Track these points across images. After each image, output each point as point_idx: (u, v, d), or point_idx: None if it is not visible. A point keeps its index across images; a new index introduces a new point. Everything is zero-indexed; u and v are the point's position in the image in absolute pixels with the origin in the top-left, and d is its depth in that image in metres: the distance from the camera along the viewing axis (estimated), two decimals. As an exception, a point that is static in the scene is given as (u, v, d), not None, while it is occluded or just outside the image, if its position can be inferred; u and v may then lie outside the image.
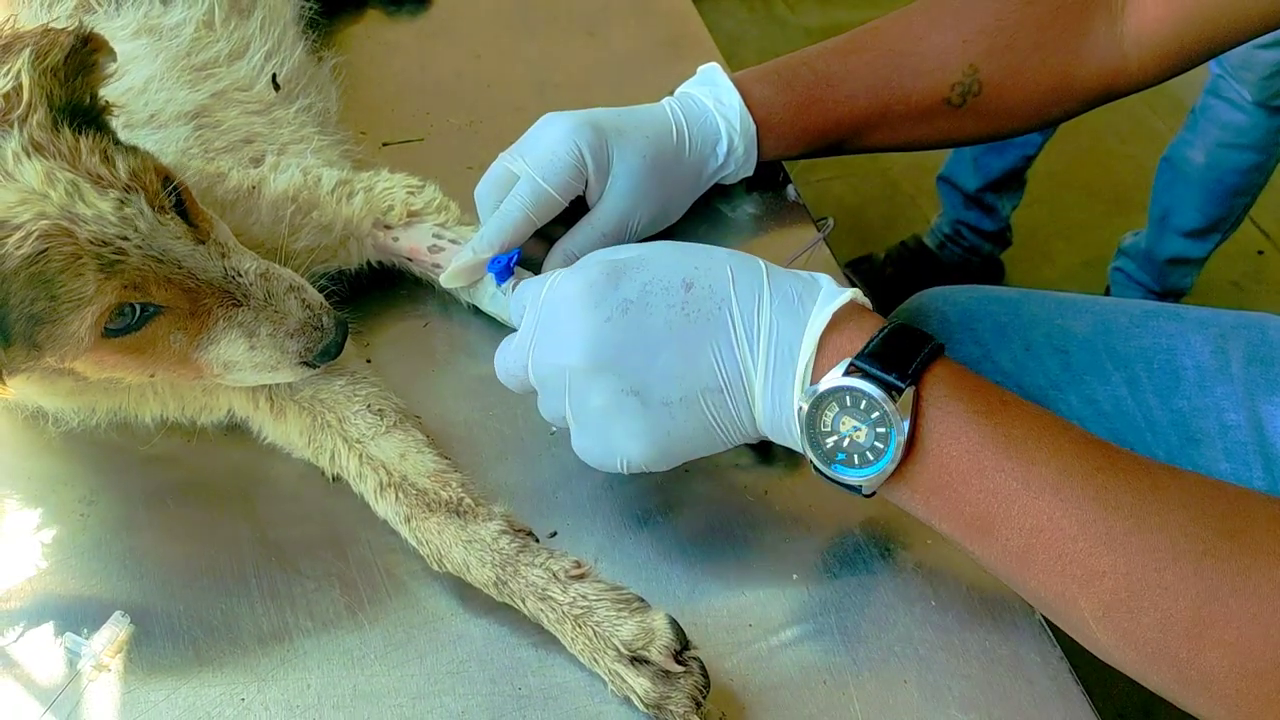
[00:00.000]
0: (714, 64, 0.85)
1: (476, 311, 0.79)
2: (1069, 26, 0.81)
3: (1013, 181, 2.08)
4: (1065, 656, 0.63)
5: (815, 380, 0.58)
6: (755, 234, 0.87)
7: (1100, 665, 0.57)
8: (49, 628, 0.64)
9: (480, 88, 0.99)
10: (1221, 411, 0.90)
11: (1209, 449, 0.90)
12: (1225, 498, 0.54)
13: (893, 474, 0.57)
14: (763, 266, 0.61)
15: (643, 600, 0.62)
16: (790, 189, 0.89)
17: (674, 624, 0.61)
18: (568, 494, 0.71)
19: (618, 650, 0.60)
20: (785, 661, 0.63)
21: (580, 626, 0.61)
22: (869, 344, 0.57)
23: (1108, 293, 2.14)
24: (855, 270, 2.21)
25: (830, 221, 0.85)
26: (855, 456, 0.58)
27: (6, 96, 0.57)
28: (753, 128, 0.82)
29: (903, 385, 0.55)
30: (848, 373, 0.56)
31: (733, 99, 0.81)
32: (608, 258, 0.63)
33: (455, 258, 0.75)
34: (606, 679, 0.61)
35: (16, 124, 0.56)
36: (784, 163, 0.90)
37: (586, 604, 0.61)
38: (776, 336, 0.59)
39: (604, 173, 0.77)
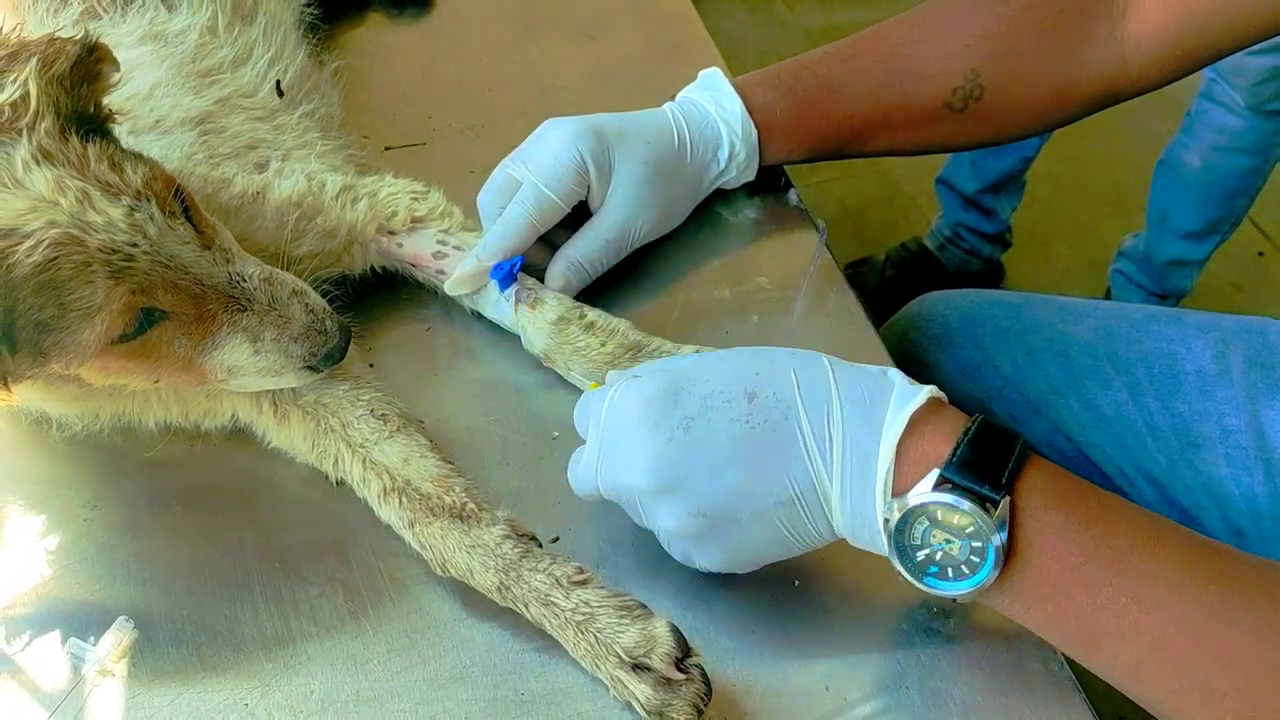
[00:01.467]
0: (715, 69, 0.85)
1: (479, 317, 0.79)
2: (1070, 31, 0.81)
3: (1011, 183, 2.08)
4: (1066, 664, 0.64)
5: (899, 490, 0.55)
6: (756, 239, 0.87)
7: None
8: (53, 633, 0.64)
9: (482, 92, 0.99)
10: (1222, 416, 0.90)
11: (1210, 454, 0.90)
12: None
13: (992, 585, 0.55)
14: (827, 366, 0.58)
15: (645, 607, 0.62)
16: (792, 193, 0.90)
17: (675, 631, 0.61)
18: (570, 499, 0.70)
19: (619, 657, 0.60)
20: (787, 667, 0.63)
21: (582, 633, 0.61)
22: (956, 450, 0.54)
23: (1108, 294, 2.14)
24: (855, 272, 2.21)
25: (822, 224, 0.86)
26: (949, 570, 0.55)
27: (14, 105, 0.57)
28: (754, 133, 0.82)
29: (997, 497, 0.53)
30: (937, 485, 0.54)
31: (734, 104, 0.81)
32: (666, 368, 0.61)
33: (459, 265, 0.75)
34: (609, 685, 0.61)
35: (25, 132, 0.56)
36: (784, 166, 0.90)
37: (589, 610, 0.61)
38: (851, 445, 0.56)
39: (606, 178, 0.77)
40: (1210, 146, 1.83)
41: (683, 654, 0.60)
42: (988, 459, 0.54)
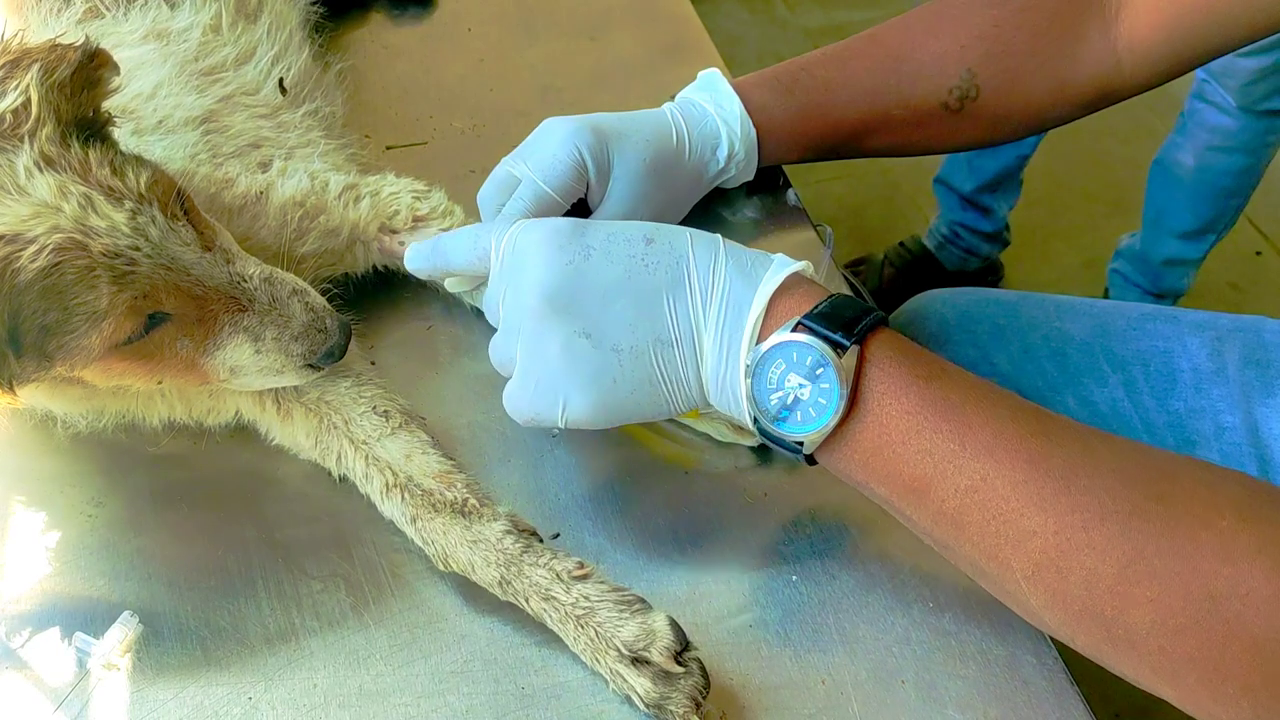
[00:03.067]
0: (714, 69, 0.86)
1: (480, 314, 0.80)
2: (1064, 33, 0.82)
3: (1008, 182, 2.09)
4: (1060, 658, 0.64)
5: (763, 339, 0.60)
6: (755, 237, 0.87)
7: (1097, 666, 0.58)
8: (58, 628, 0.65)
9: (483, 92, 1.00)
10: (1217, 413, 0.91)
11: (1205, 451, 0.91)
12: (1155, 463, 0.55)
13: (833, 433, 0.59)
14: (719, 238, 0.64)
15: (644, 601, 0.63)
16: (790, 193, 0.90)
17: (674, 625, 0.61)
18: (570, 496, 0.71)
19: (619, 651, 0.61)
20: (785, 661, 0.64)
21: (582, 627, 0.62)
22: (817, 306, 0.59)
23: (1106, 294, 2.15)
24: (854, 271, 2.22)
25: (828, 230, 0.86)
26: (798, 414, 0.59)
27: (15, 112, 0.57)
28: (753, 133, 0.82)
29: (847, 344, 0.57)
30: (795, 329, 0.58)
31: (733, 104, 0.82)
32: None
33: None
34: (608, 678, 0.62)
35: (27, 139, 0.57)
36: (784, 165, 0.90)
37: (589, 605, 0.62)
38: (729, 295, 0.61)
39: (605, 176, 0.77)
40: (1204, 146, 1.84)
41: (681, 648, 0.61)
42: (844, 316, 0.59)
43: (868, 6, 2.80)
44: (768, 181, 0.90)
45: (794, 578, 0.68)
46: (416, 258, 0.73)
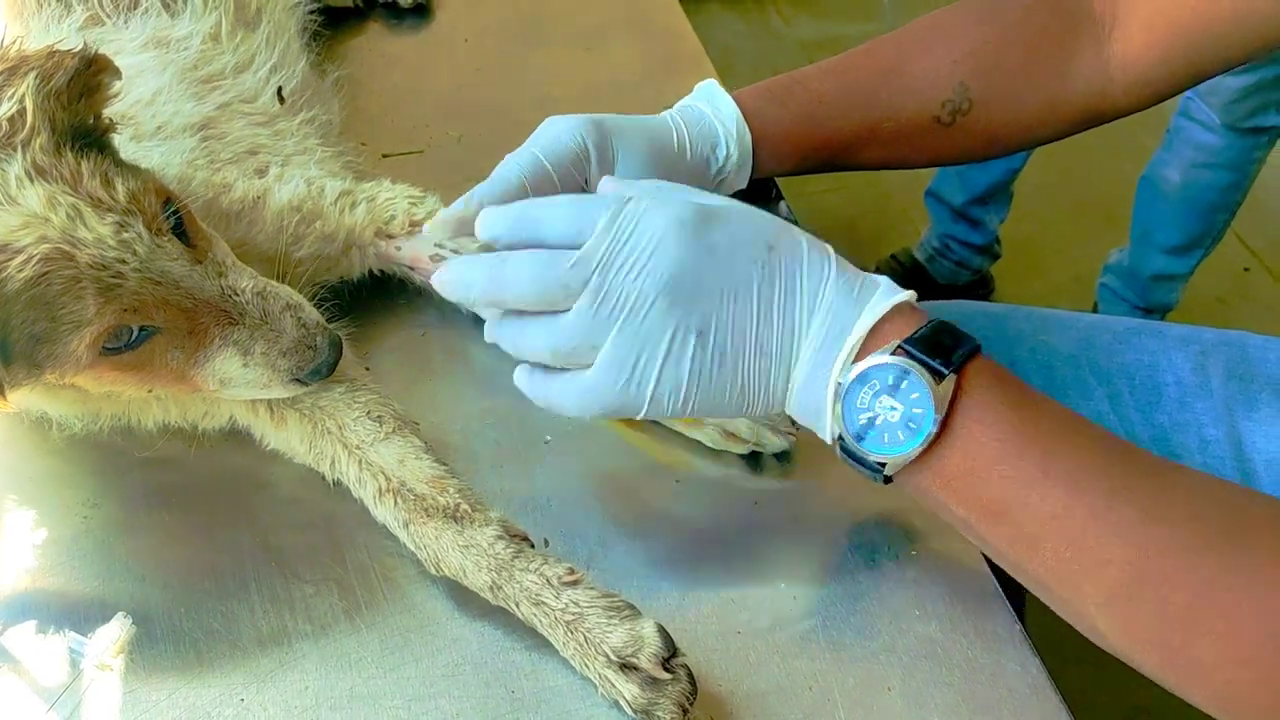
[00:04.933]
0: (711, 80, 0.86)
1: (475, 321, 0.80)
2: (1055, 50, 0.83)
3: (999, 195, 2.10)
4: (1045, 667, 0.65)
5: (860, 359, 0.60)
6: (748, 248, 0.88)
7: (1081, 675, 0.59)
8: (52, 628, 0.65)
9: (479, 101, 1.01)
10: (1201, 427, 0.92)
11: (1188, 463, 0.91)
12: (1228, 496, 0.57)
13: (918, 457, 0.59)
14: (830, 251, 0.63)
15: (633, 608, 0.63)
16: (782, 205, 0.91)
17: (662, 632, 0.62)
18: (561, 502, 0.72)
19: (607, 657, 0.61)
20: (772, 668, 0.65)
21: (572, 632, 0.62)
22: (918, 330, 0.59)
23: (1096, 308, 2.16)
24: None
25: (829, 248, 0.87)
26: (885, 435, 0.59)
27: (10, 120, 0.57)
28: (749, 137, 0.83)
29: (945, 371, 0.58)
30: (895, 353, 0.58)
31: (730, 110, 0.82)
32: (694, 199, 0.63)
33: (444, 210, 0.71)
34: (597, 683, 0.62)
35: (20, 148, 0.57)
36: (776, 178, 0.91)
37: (578, 610, 0.63)
38: (833, 312, 0.60)
39: (609, 169, 0.77)
40: (1189, 163, 1.86)
41: (669, 654, 0.61)
42: (944, 343, 0.59)
43: (862, 19, 2.82)
44: (759, 193, 0.90)
45: (782, 585, 0.68)
46: (496, 222, 0.65)
